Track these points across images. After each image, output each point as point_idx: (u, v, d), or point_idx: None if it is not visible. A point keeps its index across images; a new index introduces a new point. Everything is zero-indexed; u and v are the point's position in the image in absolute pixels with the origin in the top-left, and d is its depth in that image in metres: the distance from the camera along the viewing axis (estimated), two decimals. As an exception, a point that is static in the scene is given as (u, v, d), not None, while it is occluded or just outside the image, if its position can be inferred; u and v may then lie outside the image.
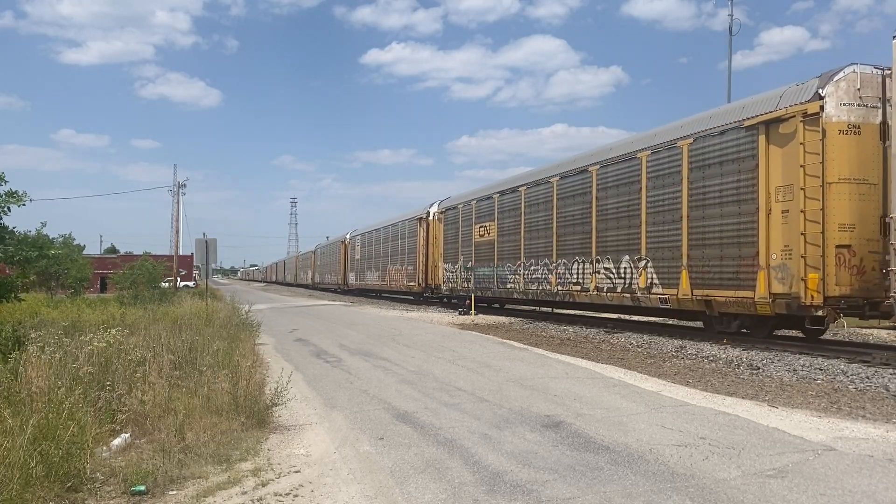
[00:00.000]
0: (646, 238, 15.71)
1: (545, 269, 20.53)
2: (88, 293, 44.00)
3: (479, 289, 25.78)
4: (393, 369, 10.75)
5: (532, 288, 21.35)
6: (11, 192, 11.25)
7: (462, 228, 27.95)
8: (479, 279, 25.73)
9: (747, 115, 13.00)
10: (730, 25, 36.76)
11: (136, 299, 26.07)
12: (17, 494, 4.26)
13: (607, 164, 17.48)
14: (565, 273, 19.28)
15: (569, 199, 19.30)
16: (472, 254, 26.58)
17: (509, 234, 23.28)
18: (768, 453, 5.67)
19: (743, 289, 12.84)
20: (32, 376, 6.76)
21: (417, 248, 33.85)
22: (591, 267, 17.93)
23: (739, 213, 13.03)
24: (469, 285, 26.61)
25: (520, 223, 22.36)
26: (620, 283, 16.65)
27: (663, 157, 15.26)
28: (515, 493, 4.69)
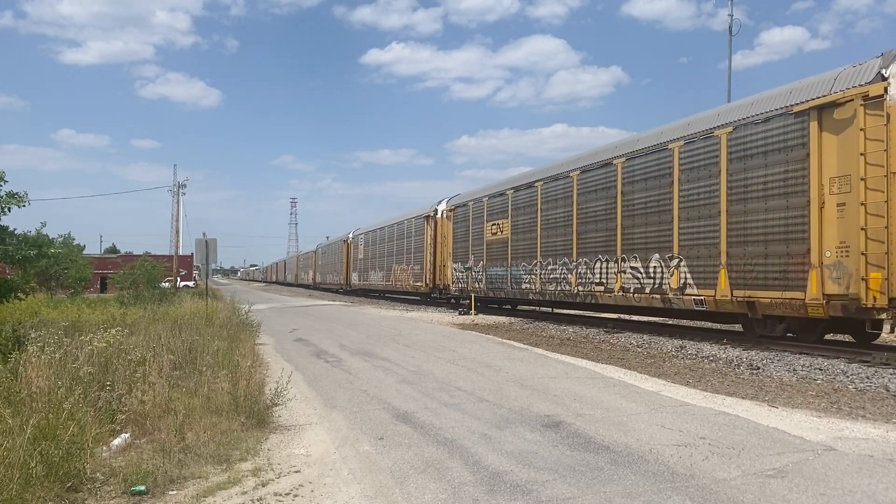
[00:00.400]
0: (678, 235, 14.69)
1: (564, 268, 19.46)
2: (88, 293, 44.01)
3: (491, 289, 24.69)
4: (393, 369, 10.75)
5: (550, 288, 20.23)
6: (12, 193, 11.25)
7: (473, 226, 26.70)
8: (492, 279, 24.57)
9: (796, 101, 11.99)
10: (730, 25, 36.80)
11: (136, 299, 26.07)
12: (17, 494, 4.26)
13: (634, 156, 16.38)
14: (587, 273, 18.19)
15: (590, 195, 18.19)
16: (484, 253, 25.37)
17: (524, 231, 22.14)
18: (768, 453, 5.67)
19: (791, 289, 11.88)
20: (32, 376, 6.76)
21: (424, 248, 32.72)
22: (615, 266, 16.88)
23: (787, 207, 12.05)
24: (480, 285, 25.52)
25: (536, 220, 21.23)
26: (649, 284, 15.64)
27: (698, 147, 14.26)
28: (515, 493, 4.69)
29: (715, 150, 13.81)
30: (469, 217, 27.18)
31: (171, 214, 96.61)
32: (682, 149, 14.74)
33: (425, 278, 32.48)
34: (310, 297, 49.30)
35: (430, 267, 31.89)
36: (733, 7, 38.00)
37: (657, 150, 15.61)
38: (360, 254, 47.90)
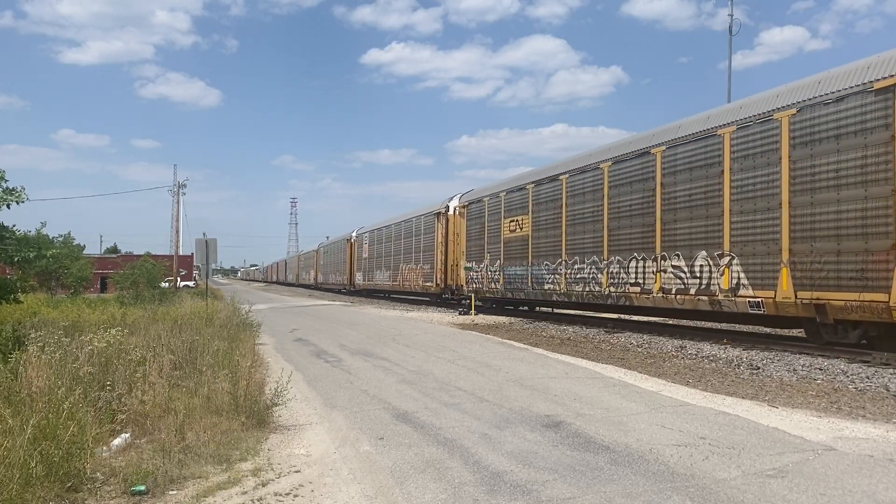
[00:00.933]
0: (729, 230, 13.29)
1: (593, 267, 17.82)
2: (88, 293, 44.02)
3: (509, 290, 23.18)
4: (393, 369, 10.75)
5: (577, 289, 18.65)
6: (9, 189, 11.22)
7: (489, 223, 25.01)
8: (510, 279, 22.98)
9: (876, 76, 10.75)
10: (730, 25, 36.82)
11: (137, 299, 26.09)
12: (17, 494, 4.26)
13: (676, 144, 14.93)
14: (620, 272, 16.68)
15: (624, 187, 16.67)
16: (501, 251, 23.77)
17: (547, 228, 20.53)
18: (768, 453, 5.67)
19: (871, 290, 10.64)
20: (32, 376, 6.76)
21: (435, 246, 31.05)
22: (654, 265, 15.43)
23: (866, 198, 10.79)
24: (497, 286, 23.98)
25: (560, 216, 19.63)
26: (695, 284, 14.25)
27: (754, 133, 12.87)
28: (515, 493, 4.69)
29: (774, 134, 12.51)
30: (484, 213, 25.53)
31: (171, 214, 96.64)
32: (735, 135, 13.29)
33: (436, 278, 30.89)
34: (310, 296, 49.30)
35: (441, 266, 30.26)
36: (733, 7, 37.99)
37: (704, 137, 14.13)
38: (364, 253, 46.40)
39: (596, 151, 18.80)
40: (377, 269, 42.74)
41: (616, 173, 17.18)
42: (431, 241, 31.77)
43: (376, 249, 43.10)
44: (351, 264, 50.72)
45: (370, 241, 44.92)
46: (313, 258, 71.65)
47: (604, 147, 18.64)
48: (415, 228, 34.83)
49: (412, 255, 35.06)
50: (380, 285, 42.25)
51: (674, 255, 14.96)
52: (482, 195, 26.20)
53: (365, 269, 46.13)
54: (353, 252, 50.03)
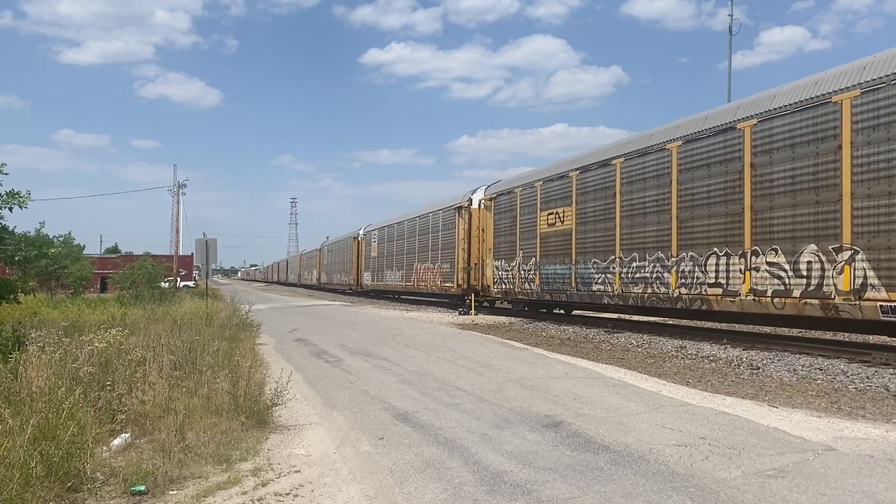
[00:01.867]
0: (851, 218, 11.05)
1: (657, 265, 15.49)
2: (88, 293, 44.01)
3: (547, 291, 20.61)
4: (393, 369, 10.75)
5: (635, 291, 16.22)
6: (13, 193, 11.16)
7: (522, 217, 22.46)
8: (548, 279, 20.49)
9: None
10: (730, 25, 36.80)
11: (136, 299, 26.08)
12: (17, 494, 4.26)
13: (772, 116, 12.61)
14: (694, 271, 14.36)
15: (699, 170, 14.36)
16: (537, 247, 21.22)
17: (596, 220, 18.00)
18: (768, 453, 5.67)
19: None
20: (32, 376, 6.76)
21: (456, 243, 28.41)
22: (742, 262, 13.09)
23: None
24: (531, 287, 21.52)
25: (614, 206, 17.14)
26: (799, 285, 11.90)
27: (884, 98, 10.57)
28: (515, 493, 4.69)
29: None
30: (516, 206, 22.91)
31: (171, 214, 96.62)
32: (858, 101, 11.06)
33: (457, 278, 28.23)
34: (310, 297, 49.29)
35: (463, 265, 27.77)
36: (733, 7, 38.00)
37: (812, 107, 11.88)
38: (373, 251, 43.66)
39: (658, 131, 16.18)
40: (387, 268, 40.28)
41: (688, 155, 14.69)
42: (452, 237, 29.19)
43: (387, 248, 40.57)
44: (358, 264, 48.41)
45: (380, 238, 42.36)
46: (316, 257, 69.30)
47: (670, 125, 15.90)
48: (432, 224, 32.26)
49: (428, 253, 32.56)
50: (391, 286, 39.81)
51: (770, 250, 12.50)
52: (513, 186, 23.53)
53: (374, 269, 43.72)
54: (361, 251, 47.78)
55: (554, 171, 20.89)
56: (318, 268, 66.86)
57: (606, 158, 17.79)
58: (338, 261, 56.29)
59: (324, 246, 66.27)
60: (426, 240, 32.93)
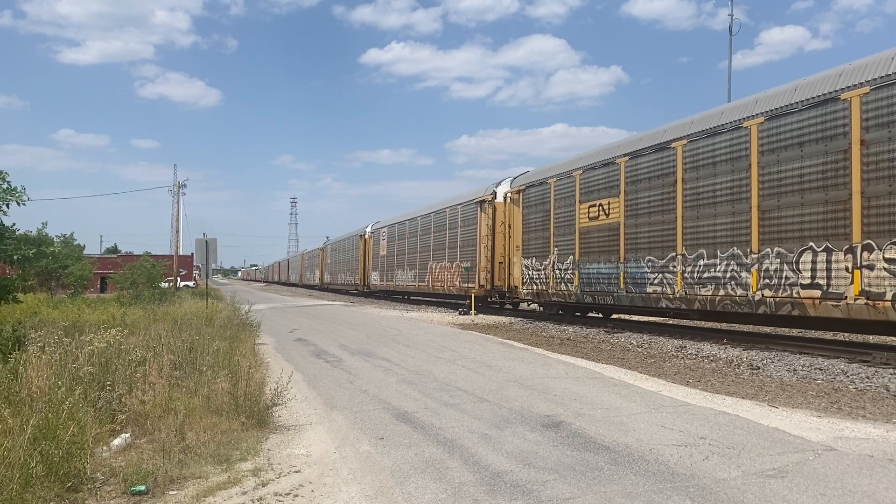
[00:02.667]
0: None
1: (732, 262, 13.33)
2: (88, 293, 44.02)
3: (588, 293, 18.42)
4: (393, 369, 10.75)
5: (702, 293, 14.11)
6: (10, 189, 11.18)
7: (557, 210, 20.19)
8: (590, 279, 18.28)
9: None
10: (730, 25, 36.85)
11: (136, 299, 26.09)
12: (17, 494, 4.26)
13: (889, 83, 10.46)
14: (781, 269, 12.20)
15: (788, 151, 12.18)
16: (576, 244, 19.01)
17: (651, 212, 15.86)
18: (768, 453, 5.67)
19: None
20: (32, 376, 6.77)
21: (478, 240, 26.25)
22: (847, 259, 11.06)
23: None
24: (569, 288, 19.29)
25: (673, 195, 15.07)
26: None
27: None
28: (515, 493, 4.69)
29: None
30: (550, 198, 20.67)
31: (171, 214, 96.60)
32: None
33: (479, 278, 26.13)
34: (310, 296, 49.28)
35: (486, 264, 25.53)
36: (733, 7, 37.99)
37: None
38: (381, 250, 41.42)
39: (731, 107, 14.18)
40: (398, 267, 37.96)
41: (773, 133, 12.56)
42: (473, 233, 26.90)
43: (397, 246, 38.28)
44: (364, 263, 46.20)
45: (389, 236, 40.01)
46: (319, 257, 67.13)
47: (747, 100, 13.76)
48: (449, 220, 29.88)
49: (445, 251, 30.20)
50: (402, 286, 37.38)
51: (889, 245, 10.45)
52: (546, 176, 21.30)
53: (382, 269, 41.31)
54: (368, 249, 45.49)
55: (596, 158, 18.46)
56: (321, 267, 65.13)
57: (664, 141, 15.46)
58: (342, 260, 54.39)
59: (327, 245, 64.47)
60: (442, 237, 30.75)
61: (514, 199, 23.44)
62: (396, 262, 38.36)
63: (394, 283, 38.67)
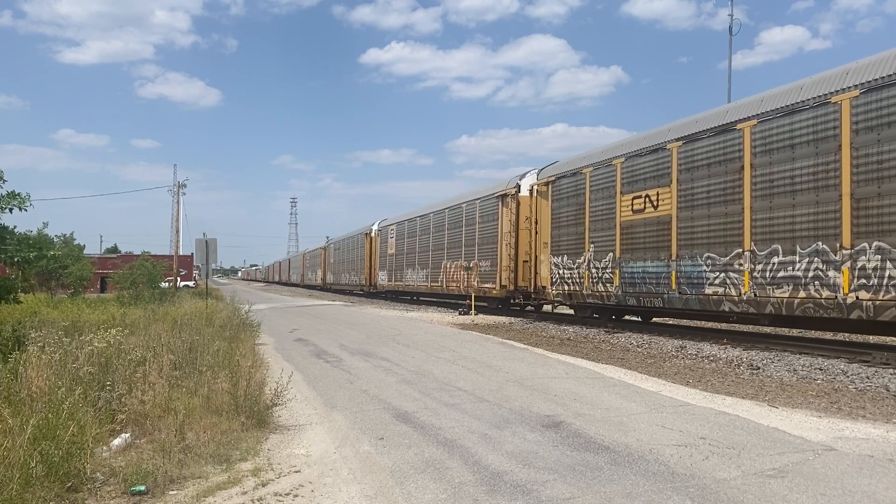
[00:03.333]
0: None
1: (817, 260, 11.62)
2: (88, 293, 44.04)
3: (631, 294, 16.59)
4: (393, 369, 10.75)
5: (777, 295, 12.33)
6: (13, 194, 11.20)
7: (594, 203, 18.30)
8: (634, 279, 16.46)
9: None
10: (730, 25, 36.83)
11: (136, 299, 26.09)
12: (17, 494, 4.26)
13: None
14: (883, 268, 10.48)
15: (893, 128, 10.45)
16: (616, 240, 17.17)
17: (710, 203, 14.04)
18: (768, 453, 5.67)
19: None
20: (32, 376, 6.77)
21: (498, 237, 24.41)
22: None
23: None
24: (609, 289, 17.40)
25: (740, 183, 13.19)
26: None
27: None
28: (515, 493, 4.69)
29: None
30: (584, 189, 18.82)
31: (171, 214, 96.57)
32: None
33: (500, 278, 24.17)
34: (310, 296, 49.28)
35: (508, 263, 23.63)
36: (733, 7, 37.95)
37: None
38: (390, 249, 39.59)
39: (812, 82, 12.25)
40: (408, 267, 36.12)
41: (871, 108, 10.82)
42: (493, 230, 25.09)
43: (407, 244, 36.41)
44: (371, 262, 44.30)
45: (398, 234, 38.16)
46: (321, 256, 65.24)
47: (835, 71, 11.92)
48: (465, 216, 27.98)
49: (461, 249, 28.30)
50: (412, 286, 35.48)
51: None
52: (580, 165, 19.41)
53: (390, 268, 39.49)
54: (374, 248, 43.73)
55: (642, 144, 16.55)
56: (324, 267, 63.51)
57: (727, 123, 13.72)
58: (347, 259, 52.51)
59: (330, 244, 62.69)
60: (458, 234, 28.83)
61: (541, 192, 21.47)
62: (406, 262, 36.61)
63: (403, 284, 36.93)
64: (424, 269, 33.27)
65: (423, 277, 33.19)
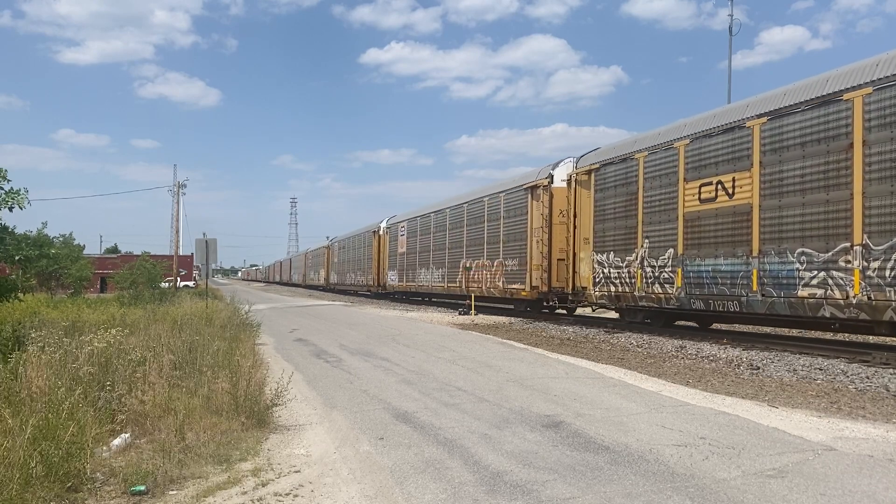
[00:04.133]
0: None
1: None
2: (88, 293, 44.06)
3: (698, 297, 14.43)
4: (393, 369, 10.75)
5: None
6: (12, 191, 11.22)
7: (649, 191, 16.18)
8: (701, 279, 14.35)
9: None
10: (730, 25, 36.82)
11: (136, 299, 26.10)
12: (17, 494, 4.26)
13: None
14: None
15: None
16: (679, 234, 15.08)
17: (805, 188, 12.00)
18: (768, 453, 5.67)
19: None
20: (32, 376, 6.77)
21: (528, 233, 22.36)
22: None
23: None
24: (668, 290, 15.32)
25: (847, 165, 11.20)
26: None
27: None
28: (515, 493, 4.69)
29: None
30: (637, 177, 16.64)
31: (171, 214, 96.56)
32: None
33: (530, 278, 22.01)
34: (310, 297, 49.28)
35: (540, 261, 21.48)
36: (733, 7, 37.93)
37: None
38: (400, 247, 37.62)
39: None
40: (421, 266, 34.02)
41: None
42: (521, 225, 23.04)
43: (420, 242, 34.37)
44: (379, 261, 42.19)
45: (409, 231, 36.19)
46: (324, 255, 62.95)
47: None
48: (488, 211, 25.91)
49: (483, 247, 26.31)
50: (426, 287, 33.40)
51: None
52: (630, 150, 17.15)
53: (401, 267, 37.46)
54: (383, 247, 41.68)
55: (712, 123, 14.43)
56: (327, 267, 61.30)
57: (829, 93, 11.73)
58: (352, 259, 50.16)
59: (333, 242, 60.17)
60: (479, 231, 26.83)
61: (581, 182, 19.37)
62: (419, 261, 34.45)
63: (416, 284, 34.84)
64: (441, 268, 31.19)
65: (439, 277, 31.08)
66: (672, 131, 15.83)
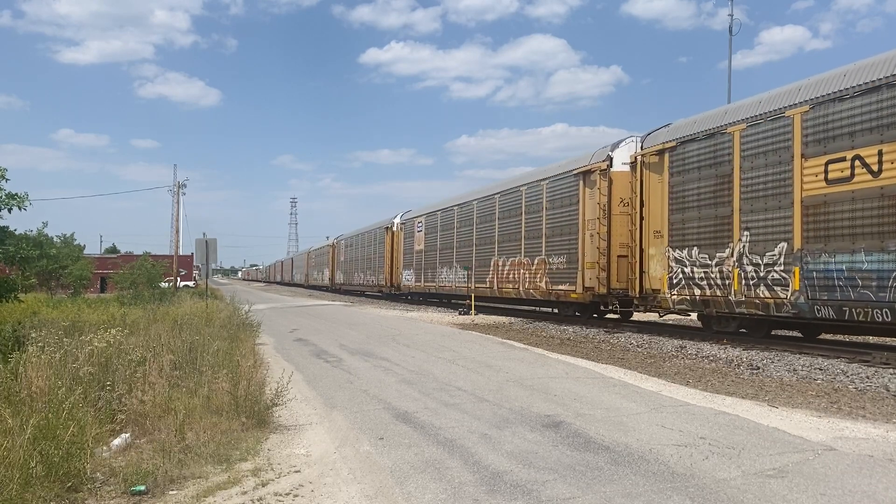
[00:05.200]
0: None
1: None
2: (88, 293, 44.07)
3: (827, 302, 11.49)
4: (393, 369, 10.75)
5: None
6: (12, 194, 11.28)
7: (749, 172, 13.20)
8: (829, 281, 11.45)
9: None
10: (730, 25, 36.80)
11: (136, 299, 26.11)
12: (17, 494, 4.26)
13: None
14: None
15: None
16: (794, 226, 12.12)
17: None
18: (768, 453, 5.67)
19: None
20: (32, 376, 6.77)
21: (579, 227, 19.02)
22: None
23: None
24: (783, 295, 12.32)
25: None
26: None
27: None
28: (515, 493, 4.69)
29: None
30: (732, 155, 13.69)
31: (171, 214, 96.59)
32: None
33: (581, 278, 18.80)
34: (310, 297, 49.26)
35: (596, 258, 18.23)
36: (733, 7, 37.90)
37: None
38: (417, 244, 34.47)
39: None
40: (443, 265, 30.75)
41: None
42: (570, 217, 19.68)
43: (440, 238, 31.10)
44: (392, 260, 39.06)
45: (427, 227, 32.92)
46: (328, 254, 59.82)
47: None
48: (526, 202, 22.61)
49: (520, 242, 22.87)
50: (448, 287, 30.17)
51: None
52: (721, 123, 14.18)
53: (419, 266, 34.10)
54: (396, 244, 38.45)
55: (844, 84, 11.44)
56: (332, 266, 58.04)
57: None
58: (361, 257, 46.80)
59: (339, 240, 56.60)
60: (515, 224, 23.41)
61: (650, 164, 16.33)
62: (440, 259, 31.13)
63: (436, 284, 31.33)
64: (465, 268, 28.29)
65: (464, 277, 27.92)
66: (780, 97, 12.85)
